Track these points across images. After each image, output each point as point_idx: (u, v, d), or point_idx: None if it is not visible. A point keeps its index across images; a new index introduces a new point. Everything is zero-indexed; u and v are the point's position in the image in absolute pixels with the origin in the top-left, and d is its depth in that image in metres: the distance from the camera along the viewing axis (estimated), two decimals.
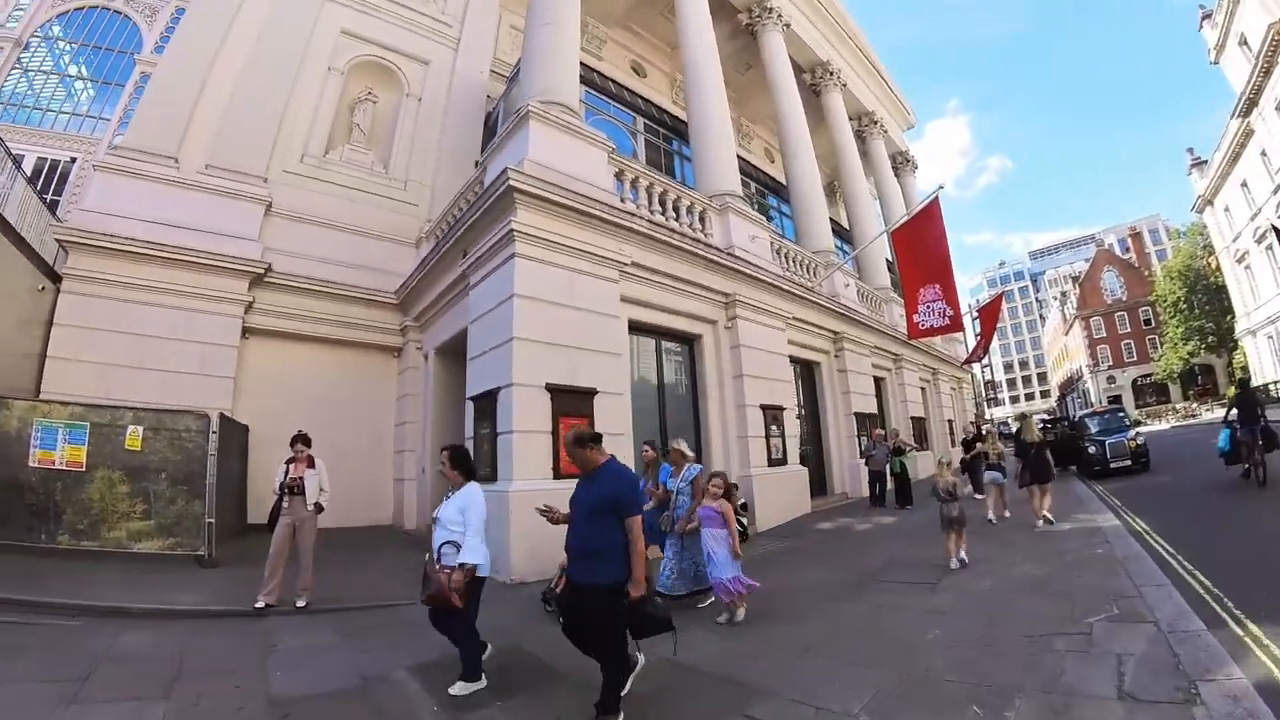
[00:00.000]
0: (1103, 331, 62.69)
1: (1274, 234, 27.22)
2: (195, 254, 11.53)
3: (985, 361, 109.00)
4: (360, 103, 14.96)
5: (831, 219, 20.62)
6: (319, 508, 6.71)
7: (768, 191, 19.88)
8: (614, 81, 15.93)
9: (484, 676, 4.34)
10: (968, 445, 13.26)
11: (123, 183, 11.65)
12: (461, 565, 4.18)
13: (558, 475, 8.40)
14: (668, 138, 16.47)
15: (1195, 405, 44.95)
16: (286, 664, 4.95)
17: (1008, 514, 10.21)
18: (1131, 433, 15.30)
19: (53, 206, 14.54)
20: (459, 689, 4.23)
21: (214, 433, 8.65)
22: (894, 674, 4.25)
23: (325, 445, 9.29)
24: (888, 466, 12.89)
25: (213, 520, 8.41)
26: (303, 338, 12.92)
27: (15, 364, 10.07)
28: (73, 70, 17.66)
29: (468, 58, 16.04)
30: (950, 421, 24.56)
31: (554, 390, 8.66)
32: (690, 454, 6.74)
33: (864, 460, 13.65)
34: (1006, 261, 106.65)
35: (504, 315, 8.76)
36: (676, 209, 11.70)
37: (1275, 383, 31.83)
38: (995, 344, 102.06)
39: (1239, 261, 36.24)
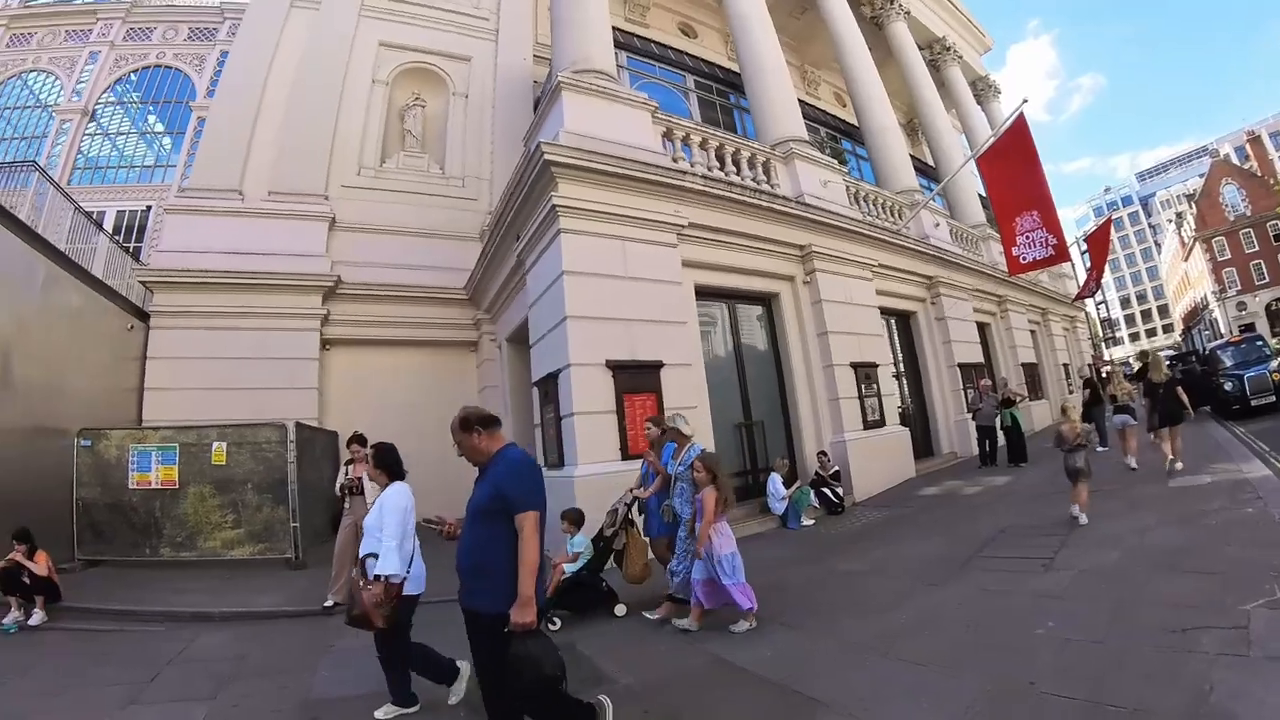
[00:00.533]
0: (1227, 253, 54.61)
1: None
2: (267, 276, 11.87)
3: (1099, 298, 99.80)
4: (409, 108, 14.93)
5: (914, 157, 19.04)
6: None
7: (840, 136, 18.39)
8: (656, 44, 15.09)
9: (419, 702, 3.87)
10: (1089, 386, 11.65)
11: (193, 221, 12.20)
12: (377, 578, 3.58)
13: (626, 456, 7.74)
14: (723, 92, 15.51)
15: None
16: (336, 663, 4.85)
17: (1135, 465, 8.81)
18: (1275, 364, 13.22)
19: (137, 253, 15.57)
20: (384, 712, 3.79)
21: (291, 441, 8.67)
22: (990, 684, 3.34)
23: (414, 444, 9.59)
24: (997, 420, 11.41)
25: (297, 525, 8.46)
26: (382, 343, 13.09)
27: (118, 398, 10.59)
28: (144, 125, 18.96)
29: (509, 47, 15.63)
30: (1065, 365, 22.07)
31: (615, 367, 8.02)
32: (689, 431, 5.76)
33: (970, 415, 12.19)
34: (1112, 187, 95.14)
35: (557, 295, 8.26)
36: (736, 162, 10.76)
37: None
38: (1108, 277, 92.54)
39: None
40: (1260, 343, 15.60)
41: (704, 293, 9.92)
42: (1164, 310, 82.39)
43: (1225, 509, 5.98)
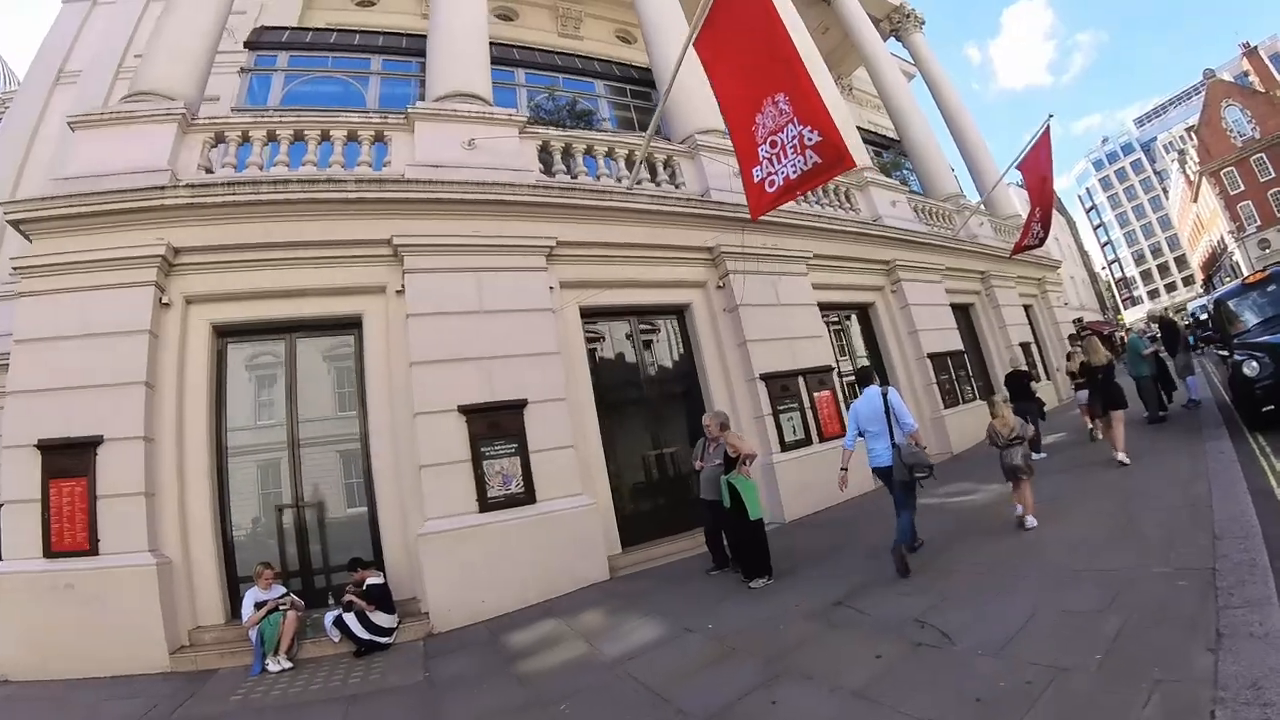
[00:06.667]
0: (1239, 185, 45.08)
1: None
2: None
3: (1109, 255, 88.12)
4: None
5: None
6: None
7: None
8: None
9: None
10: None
11: None
12: None
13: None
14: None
15: None
16: None
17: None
18: None
19: None
20: None
21: None
22: None
23: None
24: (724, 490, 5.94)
25: None
26: None
27: None
28: None
29: None
30: (1024, 345, 15.82)
31: None
32: None
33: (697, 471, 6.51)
34: (1109, 138, 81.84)
35: None
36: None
37: None
38: (1119, 234, 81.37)
39: None
40: None
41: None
42: (1181, 262, 70.96)
43: None
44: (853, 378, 10.85)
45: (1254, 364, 6.72)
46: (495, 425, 6.40)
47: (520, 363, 6.76)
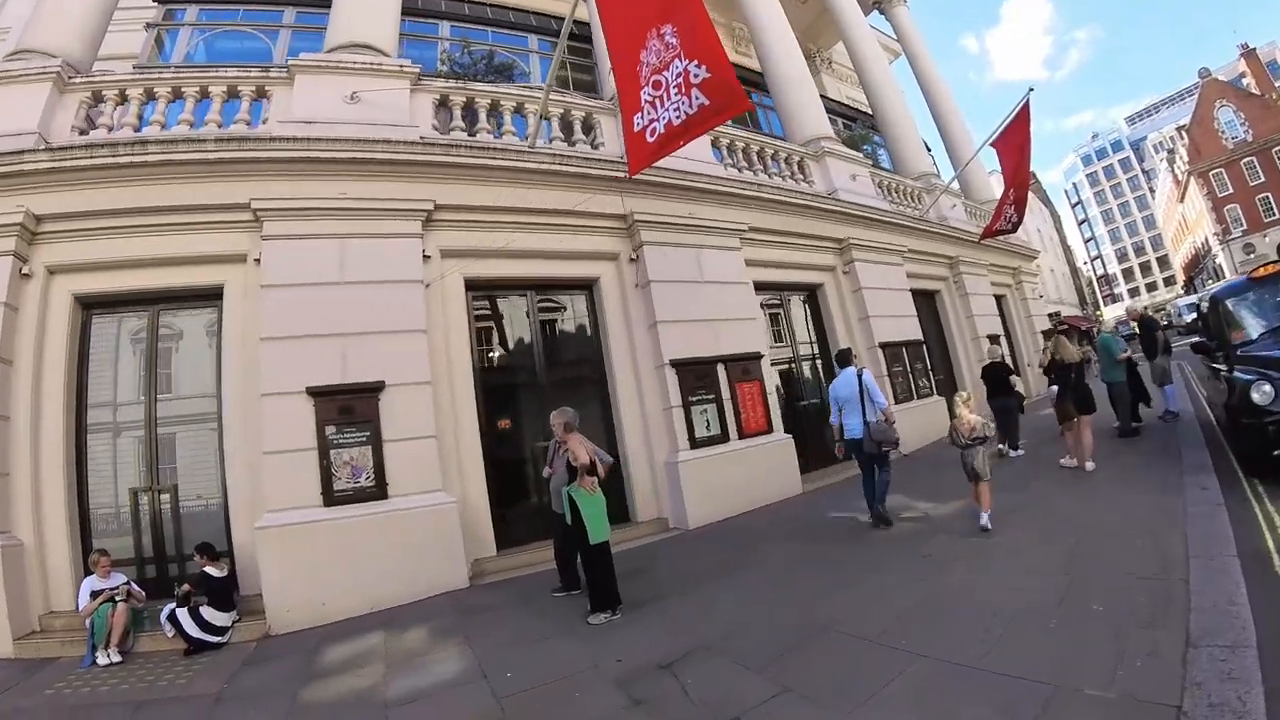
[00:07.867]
0: (1228, 187, 44.75)
1: None
2: None
3: (1094, 252, 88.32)
4: None
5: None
6: None
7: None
8: None
9: None
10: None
11: None
12: None
13: None
14: None
15: None
16: None
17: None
18: None
19: None
20: None
21: None
22: None
23: None
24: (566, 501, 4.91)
25: None
26: None
27: None
28: None
29: None
30: (991, 337, 14.80)
31: None
32: None
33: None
34: (1099, 134, 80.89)
35: None
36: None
37: None
38: (1103, 230, 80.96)
39: None
40: None
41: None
42: (1164, 262, 70.81)
43: None
44: (789, 366, 10.47)
45: (1267, 388, 5.00)
46: (347, 410, 5.86)
47: (381, 340, 6.18)
